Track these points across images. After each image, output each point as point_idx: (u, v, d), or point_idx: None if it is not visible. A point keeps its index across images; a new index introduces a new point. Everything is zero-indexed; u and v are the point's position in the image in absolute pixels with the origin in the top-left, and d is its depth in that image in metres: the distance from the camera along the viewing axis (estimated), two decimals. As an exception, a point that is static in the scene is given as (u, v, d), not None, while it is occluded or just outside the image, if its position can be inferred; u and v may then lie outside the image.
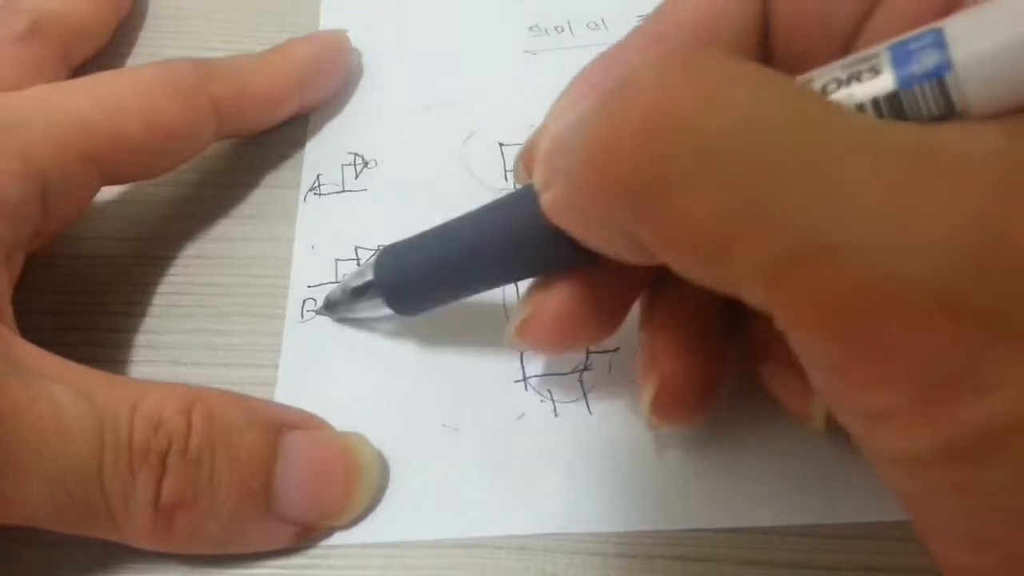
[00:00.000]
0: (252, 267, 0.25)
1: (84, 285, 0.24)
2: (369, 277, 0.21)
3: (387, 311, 0.22)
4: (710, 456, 0.21)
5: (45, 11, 0.26)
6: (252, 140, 0.27)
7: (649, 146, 0.13)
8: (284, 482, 0.19)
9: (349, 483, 0.20)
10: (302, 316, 0.24)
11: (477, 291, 0.21)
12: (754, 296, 0.13)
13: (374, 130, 0.27)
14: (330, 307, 0.23)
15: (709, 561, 0.20)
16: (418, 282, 0.21)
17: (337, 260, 0.25)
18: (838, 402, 0.13)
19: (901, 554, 0.20)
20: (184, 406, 0.18)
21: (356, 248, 0.25)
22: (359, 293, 0.22)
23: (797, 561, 0.20)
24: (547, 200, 0.17)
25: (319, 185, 0.26)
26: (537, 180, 0.17)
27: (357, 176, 0.26)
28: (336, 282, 0.24)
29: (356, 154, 0.27)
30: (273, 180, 0.26)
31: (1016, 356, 0.11)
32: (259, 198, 0.26)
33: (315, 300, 0.24)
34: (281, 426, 0.20)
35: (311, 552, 0.20)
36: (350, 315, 0.23)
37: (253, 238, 0.25)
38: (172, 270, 0.25)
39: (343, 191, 0.26)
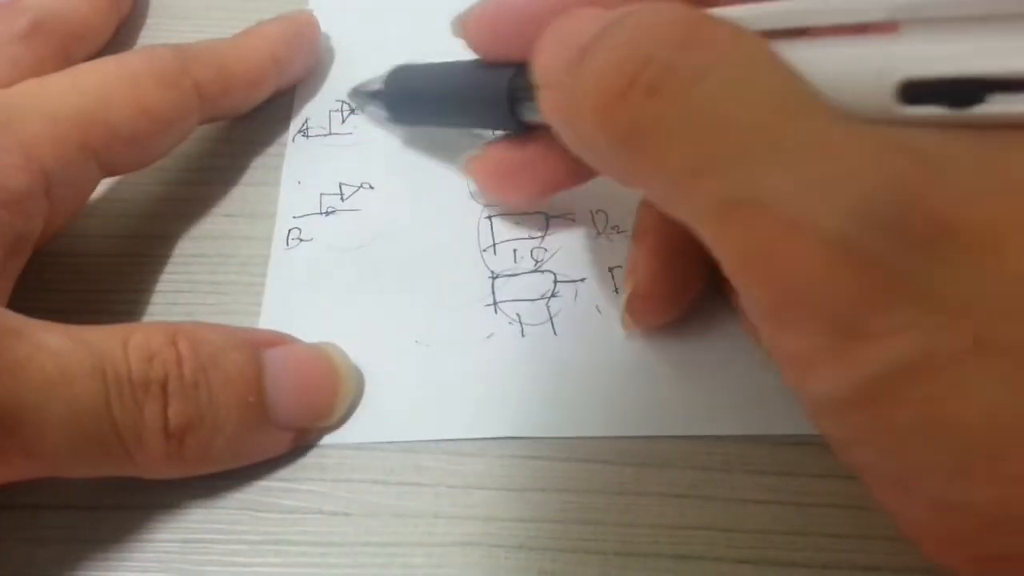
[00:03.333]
0: (253, 265, 0.25)
1: (83, 284, 0.25)
2: (379, 86, 0.26)
3: (387, 117, 0.26)
4: (667, 368, 0.22)
5: (47, 10, 0.26)
6: (240, 137, 0.27)
7: (631, 102, 0.15)
8: (275, 392, 0.20)
9: (332, 385, 0.22)
10: (287, 244, 0.25)
11: (454, 126, 0.26)
12: (704, 236, 0.15)
13: (362, 80, 0.28)
14: (352, 96, 0.27)
15: (708, 560, 0.20)
16: (412, 102, 0.25)
17: (322, 194, 0.26)
18: (771, 348, 0.15)
19: (901, 554, 0.20)
20: (168, 338, 0.19)
21: (340, 184, 0.26)
22: (371, 96, 0.26)
23: (795, 560, 0.20)
24: (544, 101, 0.18)
25: (307, 128, 0.27)
26: (536, 75, 0.18)
27: (344, 121, 0.28)
28: (320, 213, 0.26)
29: (343, 101, 0.28)
30: (274, 179, 0.27)
31: (907, 305, 0.13)
32: (260, 196, 0.26)
33: (300, 230, 0.25)
34: (258, 345, 0.21)
35: (310, 551, 0.21)
36: (362, 110, 0.27)
37: (254, 237, 0.25)
38: (173, 269, 0.25)
39: (330, 134, 0.27)
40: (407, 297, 0.24)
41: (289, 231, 0.25)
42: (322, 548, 0.21)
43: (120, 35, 0.30)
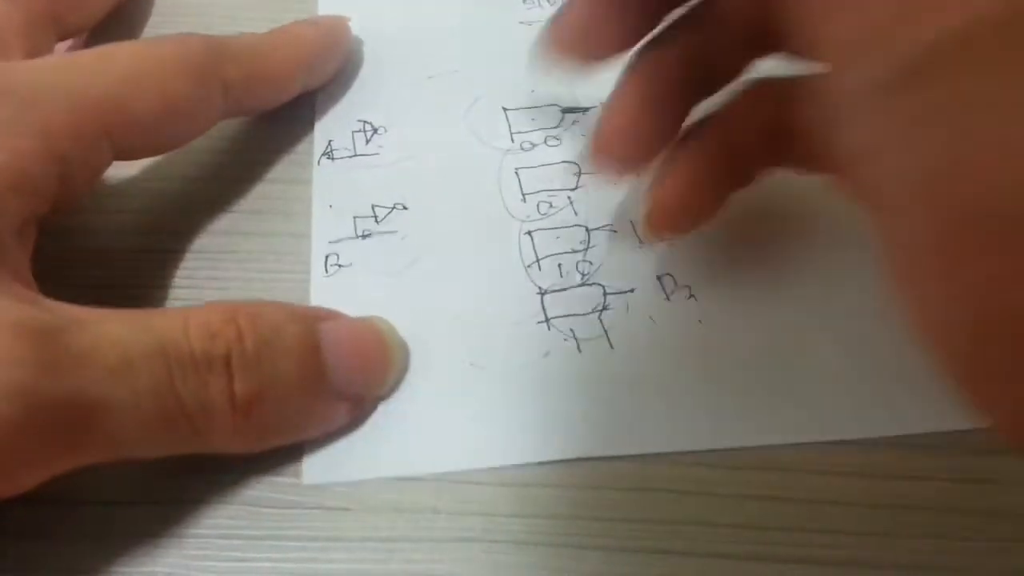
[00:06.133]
0: (256, 261, 0.25)
1: (88, 281, 0.24)
2: None
3: None
4: (729, 378, 0.22)
5: None
6: (257, 136, 0.27)
7: None
8: (333, 362, 0.21)
9: (384, 354, 0.22)
10: (326, 271, 0.24)
11: None
12: None
13: (382, 99, 0.28)
14: None
15: (711, 556, 0.20)
16: None
17: (355, 217, 0.25)
18: (813, 45, 0.14)
19: (901, 551, 0.20)
20: (228, 316, 0.19)
21: (373, 206, 0.25)
22: None
23: (800, 557, 0.20)
24: None
25: (331, 150, 0.27)
26: None
27: (368, 141, 0.27)
28: (357, 237, 0.25)
29: (365, 121, 0.27)
30: (278, 176, 0.26)
31: None
32: (264, 193, 0.26)
33: (337, 255, 0.25)
34: (314, 318, 0.21)
35: (310, 545, 0.20)
36: None
37: (255, 233, 0.25)
38: (174, 264, 0.25)
39: (355, 155, 0.27)
40: (456, 319, 0.23)
41: (327, 257, 0.24)
42: (322, 543, 0.20)
43: (127, 18, 0.30)
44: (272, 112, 0.27)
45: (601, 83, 0.27)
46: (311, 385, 0.20)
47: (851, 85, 0.14)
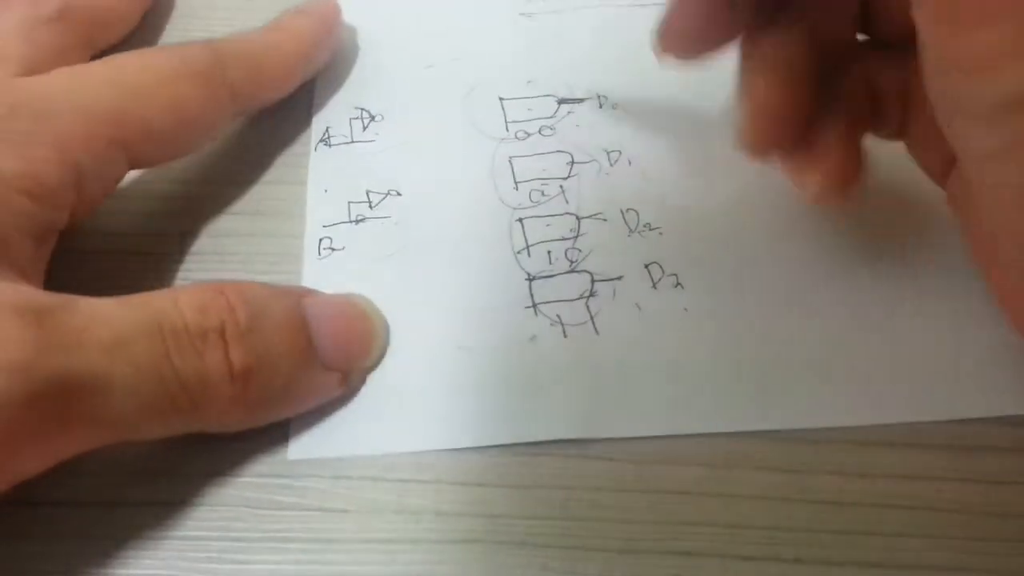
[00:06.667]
0: (254, 263, 0.25)
1: (86, 285, 0.23)
2: None
3: None
4: (713, 366, 0.22)
5: None
6: (254, 137, 0.27)
7: None
8: (319, 335, 0.21)
9: (367, 327, 0.23)
10: (319, 254, 0.25)
11: None
12: None
13: (379, 87, 0.28)
14: None
15: (711, 556, 0.20)
16: None
17: (350, 202, 0.26)
18: (948, 55, 0.15)
19: (906, 551, 0.20)
20: (217, 291, 0.20)
21: (368, 192, 0.26)
22: None
23: (800, 557, 0.20)
24: None
25: (328, 137, 0.27)
26: None
27: (365, 128, 0.27)
28: (350, 221, 0.25)
29: (363, 109, 0.28)
30: (276, 178, 0.27)
31: None
32: (261, 195, 0.26)
33: (331, 239, 0.25)
34: (297, 294, 0.22)
35: (312, 548, 0.20)
36: None
37: (253, 234, 0.25)
38: (173, 266, 0.25)
39: (352, 142, 0.27)
40: (445, 303, 0.24)
41: (320, 240, 0.25)
42: (322, 545, 0.20)
43: (148, 20, 0.30)
44: (269, 110, 0.27)
45: (594, 74, 0.28)
46: (301, 357, 0.21)
47: (986, 92, 0.15)
